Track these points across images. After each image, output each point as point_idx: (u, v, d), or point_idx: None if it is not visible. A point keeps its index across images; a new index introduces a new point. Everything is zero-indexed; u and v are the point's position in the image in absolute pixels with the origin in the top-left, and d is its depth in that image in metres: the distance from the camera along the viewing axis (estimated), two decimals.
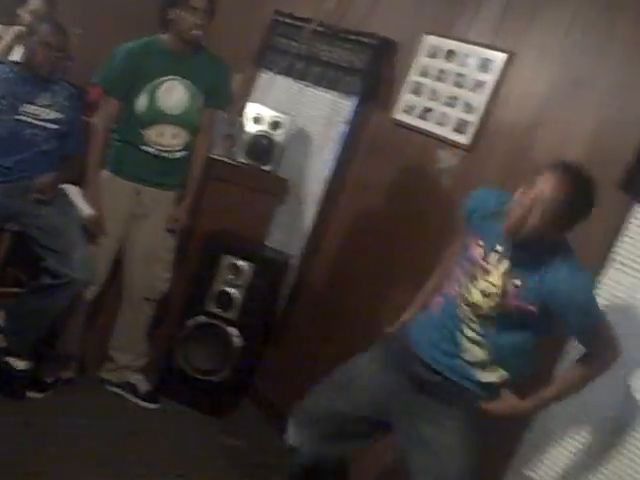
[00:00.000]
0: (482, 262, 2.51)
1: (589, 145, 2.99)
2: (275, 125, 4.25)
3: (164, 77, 3.52)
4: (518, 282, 2.41)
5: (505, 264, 2.46)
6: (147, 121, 3.54)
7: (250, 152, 4.25)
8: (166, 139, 3.59)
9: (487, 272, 2.48)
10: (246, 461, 3.68)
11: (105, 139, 3.56)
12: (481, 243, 2.53)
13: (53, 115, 3.46)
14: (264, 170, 4.25)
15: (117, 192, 3.62)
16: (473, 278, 2.51)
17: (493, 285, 2.46)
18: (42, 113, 3.42)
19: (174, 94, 3.55)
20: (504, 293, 2.43)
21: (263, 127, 4.25)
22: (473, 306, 2.50)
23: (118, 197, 3.62)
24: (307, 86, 4.36)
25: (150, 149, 3.58)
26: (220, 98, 3.76)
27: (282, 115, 4.27)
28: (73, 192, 3.59)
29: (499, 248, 2.48)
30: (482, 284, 2.48)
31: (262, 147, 4.25)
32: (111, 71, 3.52)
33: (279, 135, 4.25)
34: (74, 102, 3.57)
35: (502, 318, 2.47)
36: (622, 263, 2.83)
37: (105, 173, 3.62)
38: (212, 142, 3.95)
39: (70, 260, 3.32)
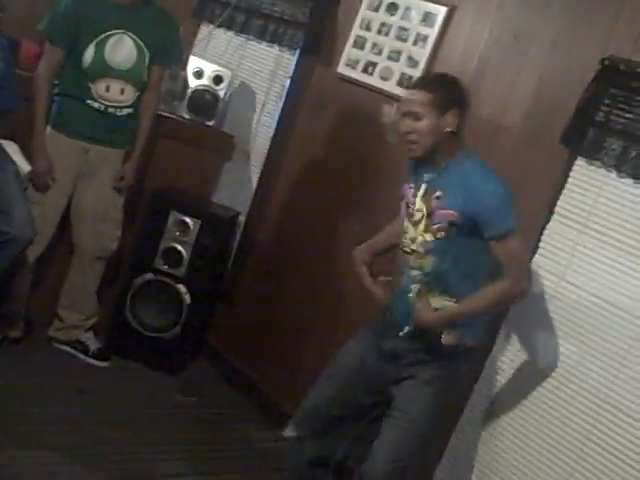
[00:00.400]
0: (411, 199, 2.66)
1: (532, 99, 3.06)
2: (217, 80, 4.23)
3: (113, 30, 3.46)
4: (439, 193, 2.56)
5: (422, 188, 2.62)
6: (94, 74, 3.48)
7: (193, 107, 4.22)
8: (113, 94, 3.53)
9: (414, 204, 2.64)
10: (200, 417, 3.73)
11: (49, 89, 3.48)
12: (411, 186, 2.69)
13: None
14: (208, 126, 4.23)
15: (62, 150, 3.55)
16: (409, 216, 2.66)
17: (419, 211, 2.60)
18: None
19: (122, 49, 3.49)
20: (429, 212, 2.57)
21: (205, 82, 4.22)
22: (414, 245, 2.62)
23: (63, 155, 3.55)
24: (249, 40, 4.33)
25: (96, 104, 3.52)
26: (170, 55, 3.72)
27: (224, 69, 4.24)
28: (10, 148, 3.51)
29: (419, 180, 2.64)
30: (414, 216, 2.62)
31: (205, 102, 4.22)
32: (56, 18, 3.43)
33: (222, 90, 4.22)
34: (6, 55, 3.44)
35: (437, 245, 2.56)
36: (564, 216, 2.92)
37: (48, 130, 3.54)
38: (160, 100, 3.89)
39: (10, 217, 3.25)
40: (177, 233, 3.89)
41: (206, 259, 3.91)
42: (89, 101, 3.51)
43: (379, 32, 3.65)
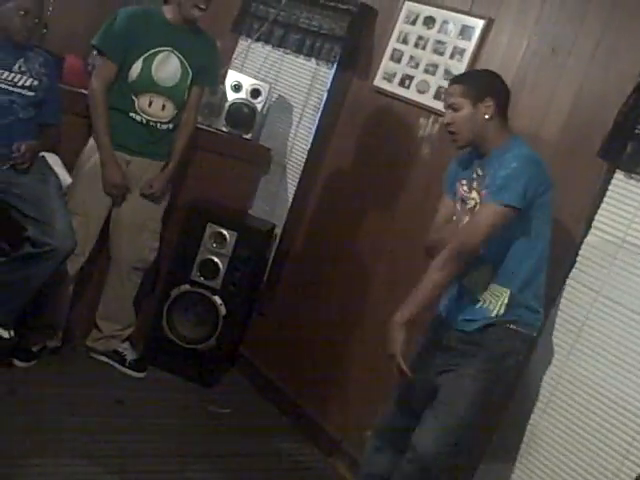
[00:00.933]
0: (466, 194, 2.74)
1: (569, 112, 3.03)
2: (255, 93, 4.27)
3: (161, 48, 3.55)
4: (480, 172, 2.70)
5: (474, 178, 2.72)
6: (139, 89, 3.55)
7: (231, 120, 4.26)
8: (154, 109, 3.60)
9: (469, 197, 2.73)
10: (233, 428, 3.73)
11: (107, 102, 3.54)
12: (463, 182, 2.78)
13: (29, 82, 3.42)
14: (246, 139, 4.26)
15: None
16: (466, 212, 2.72)
17: (472, 199, 2.70)
18: (18, 80, 3.39)
19: (168, 66, 3.58)
20: (480, 200, 2.65)
21: (243, 95, 4.26)
22: None
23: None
24: (287, 53, 4.35)
25: (138, 117, 3.59)
26: (209, 77, 3.79)
27: (262, 83, 4.28)
28: (52, 160, 3.58)
29: (471, 173, 2.76)
30: (470, 206, 2.70)
31: (243, 115, 4.26)
32: (110, 33, 3.51)
33: (259, 103, 4.26)
34: (50, 69, 3.52)
35: None
36: (602, 230, 2.88)
37: (91, 141, 3.61)
38: (197, 119, 3.93)
39: (52, 229, 3.32)
40: (214, 245, 3.92)
41: (242, 271, 3.93)
42: (132, 114, 3.58)
43: (416, 45, 3.64)
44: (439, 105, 3.46)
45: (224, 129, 4.26)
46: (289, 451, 3.69)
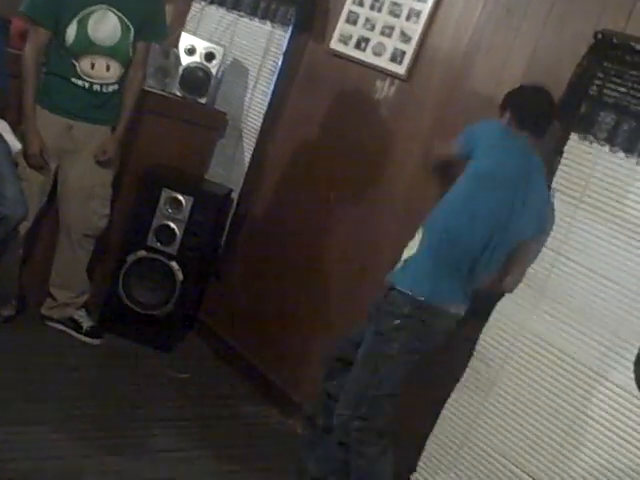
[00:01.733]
0: None
1: (524, 73, 3.05)
2: (209, 56, 4.21)
3: (95, 6, 3.41)
4: None
5: None
6: (77, 52, 3.44)
7: (185, 85, 4.20)
8: (98, 71, 3.50)
9: None
10: (193, 393, 3.73)
11: (37, 71, 3.45)
12: None
13: None
14: (201, 103, 4.21)
15: (47, 127, 3.52)
16: None
17: None
18: None
19: (105, 24, 3.44)
20: None
21: (197, 59, 4.20)
22: None
23: (48, 132, 3.52)
24: (241, 16, 4.30)
25: (81, 82, 3.49)
26: (154, 31, 3.65)
27: (216, 46, 4.22)
28: (1, 126, 3.48)
29: None
30: None
31: (197, 79, 4.20)
32: None
33: (214, 67, 4.21)
34: None
35: None
36: (559, 191, 2.92)
37: (37, 107, 3.50)
38: (146, 76, 3.85)
39: (2, 197, 3.25)
40: (169, 210, 3.88)
41: (199, 236, 3.91)
42: (74, 79, 3.47)
43: (372, 8, 3.63)
44: (395, 67, 3.48)
45: (178, 93, 4.20)
46: (250, 414, 3.71)
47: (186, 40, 4.21)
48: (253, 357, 3.96)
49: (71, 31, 3.39)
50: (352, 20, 3.70)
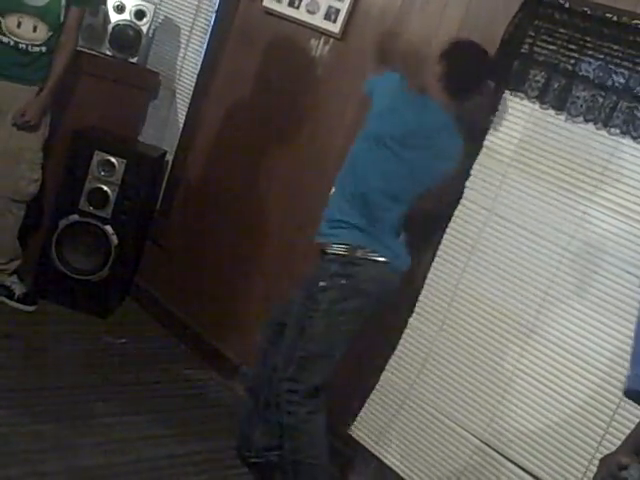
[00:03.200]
0: None
1: (457, 31, 3.04)
2: (139, 14, 4.10)
3: None
4: None
5: None
6: (4, 8, 3.33)
7: (115, 44, 4.09)
8: (25, 31, 3.38)
9: None
10: (131, 358, 3.70)
11: None
12: None
13: None
14: (132, 62, 4.11)
15: None
16: None
17: None
18: None
19: None
20: None
21: (127, 17, 4.08)
22: None
23: None
24: None
25: (5, 39, 3.37)
26: None
27: (146, 3, 4.11)
28: None
29: None
30: None
31: (128, 38, 4.10)
32: None
33: (144, 25, 4.10)
34: None
35: None
36: (492, 149, 2.95)
37: None
38: (78, 42, 3.73)
39: None
40: (102, 173, 3.80)
41: (133, 199, 3.84)
42: None
43: None
44: (329, 26, 3.45)
45: (108, 52, 4.09)
46: (188, 377, 3.70)
47: None
48: (192, 321, 3.94)
49: None
50: None
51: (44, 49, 3.47)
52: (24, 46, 3.41)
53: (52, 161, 3.82)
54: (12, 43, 3.39)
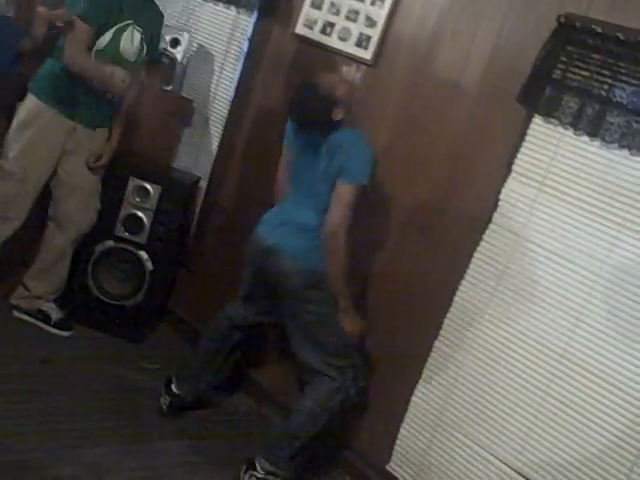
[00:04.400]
0: None
1: (489, 58, 3.05)
2: (174, 42, 4.17)
3: (128, 21, 3.49)
4: None
5: None
6: (105, 58, 3.46)
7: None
8: (115, 81, 3.52)
9: None
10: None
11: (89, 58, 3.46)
12: None
13: None
14: (166, 90, 4.17)
15: (53, 127, 3.51)
16: None
17: None
18: None
19: (134, 41, 3.52)
20: None
21: (162, 45, 4.14)
22: None
23: (53, 132, 3.52)
24: (205, 1, 4.26)
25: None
26: (157, 50, 3.81)
27: (181, 32, 4.18)
28: None
29: None
30: None
31: (163, 66, 4.15)
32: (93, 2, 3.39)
33: (179, 53, 4.16)
34: None
35: None
36: (522, 174, 2.94)
37: (38, 102, 3.49)
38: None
39: None
40: (137, 199, 3.85)
41: (167, 225, 3.88)
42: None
43: None
44: (361, 53, 3.47)
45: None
46: (222, 404, 3.69)
47: None
48: None
49: (105, 38, 3.44)
50: (317, 4, 3.67)
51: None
52: (111, 96, 3.56)
53: None
54: (101, 91, 3.52)
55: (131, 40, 3.51)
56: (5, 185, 3.52)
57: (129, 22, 3.49)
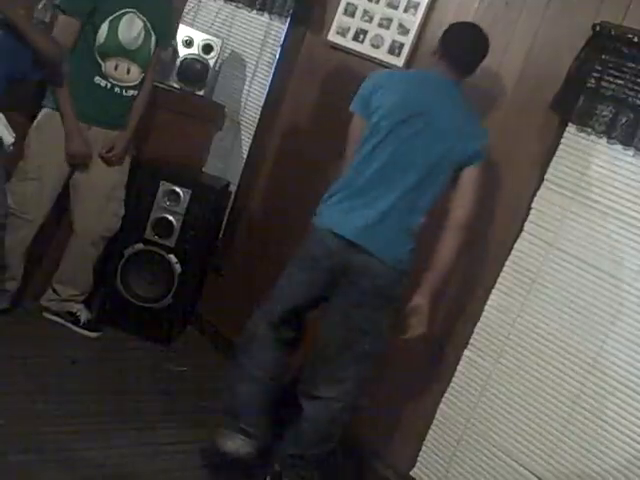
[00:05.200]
0: None
1: (523, 65, 3.05)
2: (207, 48, 4.19)
3: (125, 9, 3.45)
4: None
5: None
6: (106, 52, 3.46)
7: (183, 77, 4.19)
8: (120, 73, 3.52)
9: None
10: (189, 386, 3.73)
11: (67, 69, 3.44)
12: None
13: None
14: (198, 95, 4.20)
15: (62, 130, 3.51)
16: None
17: None
18: None
19: (134, 28, 3.49)
20: None
21: (194, 50, 4.19)
22: None
23: (63, 135, 3.51)
24: (239, 8, 4.29)
25: (104, 82, 3.50)
26: (166, 37, 3.73)
27: (214, 38, 4.21)
28: None
29: None
30: None
31: (195, 71, 4.19)
32: None
33: (211, 59, 4.19)
34: None
35: None
36: (554, 182, 2.93)
37: (48, 110, 3.51)
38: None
39: None
40: (167, 203, 3.88)
41: (197, 229, 3.90)
42: (97, 78, 3.49)
43: None
44: (394, 60, 3.47)
45: (176, 85, 4.19)
46: None
47: (184, 32, 4.19)
48: None
49: (102, 31, 3.42)
50: (350, 12, 3.68)
51: (136, 92, 3.62)
52: (119, 89, 3.55)
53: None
54: (109, 86, 3.52)
55: (129, 27, 3.46)
56: (23, 185, 3.54)
57: (125, 11, 3.44)
